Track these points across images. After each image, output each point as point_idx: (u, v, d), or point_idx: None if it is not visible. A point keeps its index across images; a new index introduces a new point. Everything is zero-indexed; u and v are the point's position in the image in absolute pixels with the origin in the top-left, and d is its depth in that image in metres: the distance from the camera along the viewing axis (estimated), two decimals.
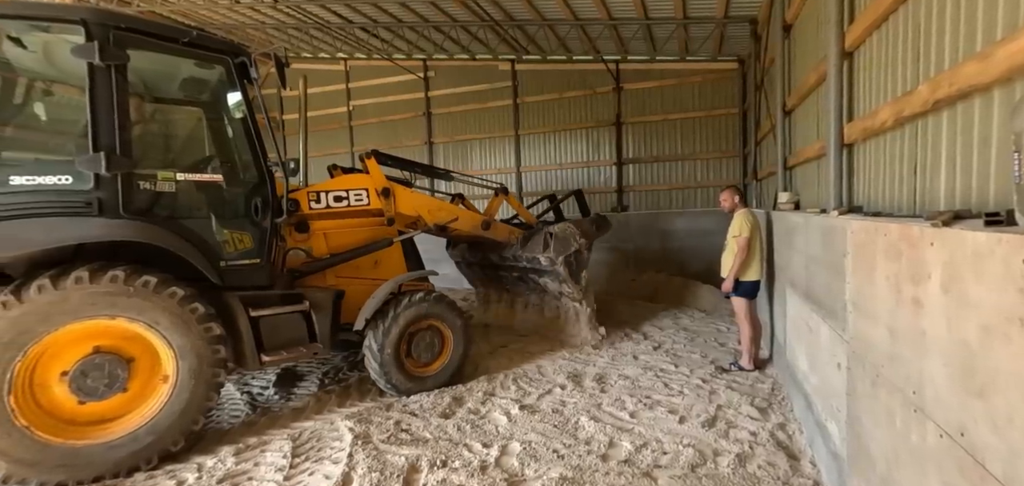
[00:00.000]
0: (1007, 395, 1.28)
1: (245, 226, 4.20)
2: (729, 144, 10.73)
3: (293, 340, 4.28)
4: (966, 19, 1.97)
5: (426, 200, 5.79)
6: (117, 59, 3.58)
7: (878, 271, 2.14)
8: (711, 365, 5.40)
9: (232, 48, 4.21)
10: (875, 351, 2.21)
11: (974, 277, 1.41)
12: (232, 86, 4.22)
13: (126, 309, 3.45)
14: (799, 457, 3.46)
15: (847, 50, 3.32)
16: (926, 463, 1.73)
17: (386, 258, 5.27)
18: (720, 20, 8.28)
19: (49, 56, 3.84)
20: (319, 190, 4.93)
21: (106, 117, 3.54)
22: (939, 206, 2.22)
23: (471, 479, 3.27)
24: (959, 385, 1.51)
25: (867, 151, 3.19)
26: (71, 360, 3.40)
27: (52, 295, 3.22)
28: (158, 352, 3.65)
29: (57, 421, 3.37)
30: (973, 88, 1.85)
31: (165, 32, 3.91)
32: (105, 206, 3.52)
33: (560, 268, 6.17)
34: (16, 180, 3.39)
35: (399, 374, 4.73)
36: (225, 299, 3.97)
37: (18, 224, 3.30)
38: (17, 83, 3.89)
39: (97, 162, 3.47)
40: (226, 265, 4.04)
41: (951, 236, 1.54)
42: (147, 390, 3.66)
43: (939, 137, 2.22)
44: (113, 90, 3.56)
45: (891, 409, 2.04)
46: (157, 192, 3.79)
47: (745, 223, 4.94)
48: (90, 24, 3.52)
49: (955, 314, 1.52)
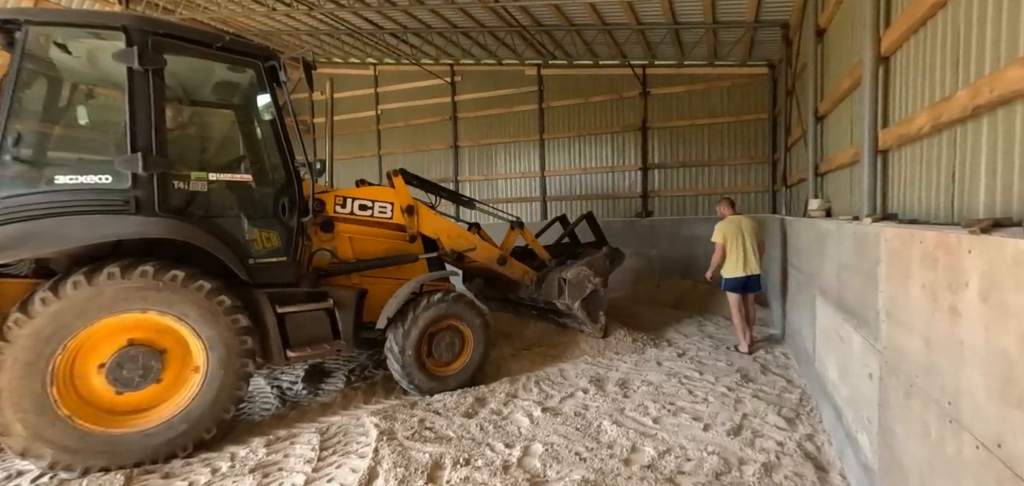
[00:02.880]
0: None
1: (273, 225, 4.32)
2: (758, 149, 10.54)
3: (318, 337, 4.37)
4: (1008, 23, 1.92)
5: (448, 224, 5.86)
6: (155, 64, 3.74)
7: (913, 279, 2.10)
8: (737, 373, 5.32)
9: (262, 52, 4.33)
10: (909, 361, 2.16)
11: (1014, 285, 1.38)
12: (262, 89, 4.34)
13: (156, 303, 3.59)
14: (828, 469, 3.38)
15: (883, 54, 3.25)
16: (962, 475, 1.69)
17: (409, 262, 5.37)
18: (750, 24, 8.16)
19: (91, 61, 4.05)
20: (346, 195, 5.08)
21: (144, 119, 3.69)
22: (978, 214, 2.16)
23: (494, 478, 3.30)
24: (998, 396, 1.48)
25: (903, 157, 3.11)
26: (107, 352, 3.55)
27: (87, 291, 3.37)
28: (189, 344, 3.78)
29: (97, 410, 3.52)
30: (1016, 93, 1.81)
31: (199, 37, 4.07)
32: (142, 205, 3.68)
33: (578, 312, 6.21)
34: (60, 179, 3.58)
35: (420, 373, 4.80)
36: (253, 295, 4.08)
37: (62, 221, 3.47)
38: (62, 87, 4.09)
39: (135, 162, 3.63)
40: (254, 263, 4.16)
41: (990, 243, 1.51)
42: (180, 380, 3.79)
43: (979, 144, 2.16)
44: (150, 93, 3.72)
45: (925, 420, 1.99)
46: (191, 191, 3.94)
47: (718, 230, 6.04)
48: (130, 30, 3.68)
49: (994, 323, 1.49)
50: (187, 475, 3.44)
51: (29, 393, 3.24)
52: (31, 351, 3.25)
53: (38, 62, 3.79)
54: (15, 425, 3.22)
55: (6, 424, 3.20)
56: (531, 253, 6.84)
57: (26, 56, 3.58)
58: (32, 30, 3.60)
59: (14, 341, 3.21)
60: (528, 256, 6.81)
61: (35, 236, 3.36)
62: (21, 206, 3.45)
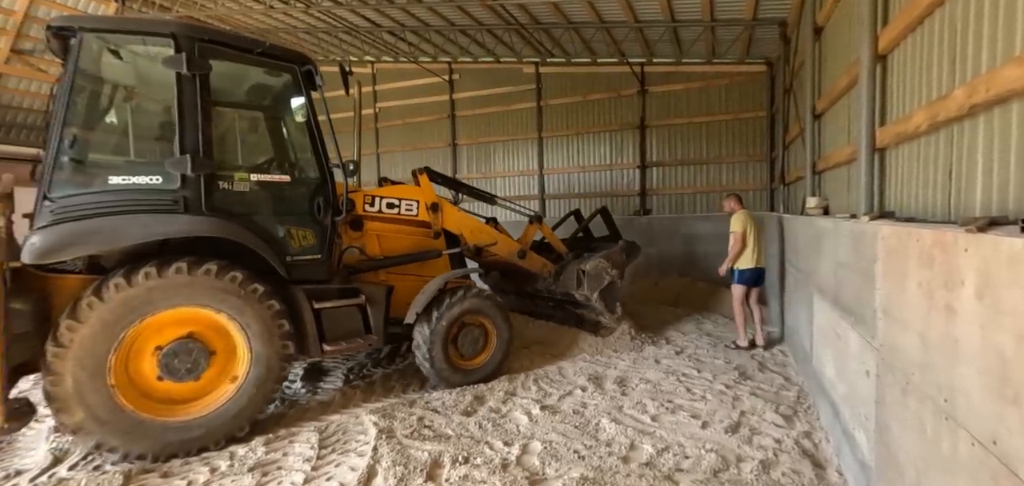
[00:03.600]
0: None
1: (308, 224, 4.47)
2: (756, 148, 10.55)
3: (351, 332, 4.54)
4: (1005, 22, 1.93)
5: (471, 221, 6.01)
6: (201, 69, 3.90)
7: (910, 277, 2.11)
8: (735, 371, 5.34)
9: (299, 57, 4.51)
10: (905, 358, 2.17)
11: (1009, 284, 1.39)
12: (299, 92, 4.52)
13: (212, 300, 3.77)
14: (825, 466, 3.40)
15: (880, 53, 3.25)
16: (957, 472, 1.71)
17: (433, 259, 5.55)
18: (748, 22, 8.17)
19: (140, 66, 4.23)
20: (374, 194, 5.26)
21: (191, 122, 3.85)
22: (975, 212, 2.17)
23: (493, 476, 3.31)
24: (993, 393, 1.49)
25: (900, 156, 3.12)
26: (160, 343, 3.74)
27: (151, 283, 3.56)
28: (235, 341, 3.94)
29: (146, 399, 3.69)
30: (1012, 92, 1.81)
31: (242, 43, 4.25)
32: (190, 204, 3.84)
33: (596, 303, 6.34)
34: (114, 180, 3.74)
35: (446, 366, 4.95)
36: (291, 292, 4.25)
37: (117, 219, 3.63)
38: (113, 91, 4.27)
39: (183, 163, 3.79)
40: (291, 260, 4.31)
41: (986, 242, 1.51)
42: (223, 376, 3.95)
43: (975, 142, 2.17)
44: (197, 97, 3.87)
45: (921, 417, 2.00)
46: (234, 191, 4.10)
47: (737, 221, 5.88)
48: (179, 37, 3.85)
49: (989, 321, 1.50)
50: (186, 474, 3.44)
51: (90, 377, 3.40)
52: (95, 337, 3.42)
53: (91, 68, 3.92)
54: (74, 405, 3.37)
55: (66, 402, 3.35)
56: (547, 247, 6.98)
57: (80, 62, 3.71)
58: (86, 37, 3.73)
59: (85, 321, 3.38)
60: (544, 249, 6.95)
61: (94, 234, 3.53)
62: (77, 205, 3.59)
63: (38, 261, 3.36)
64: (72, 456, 3.68)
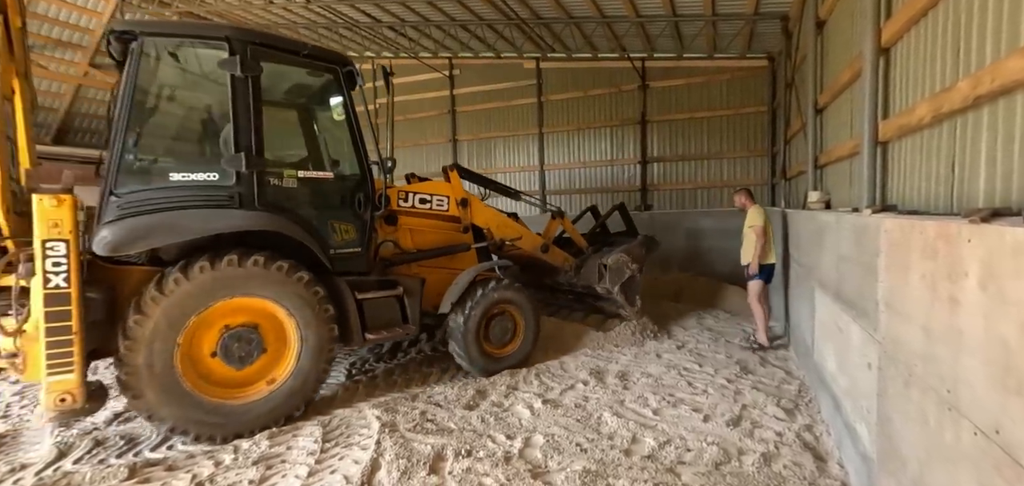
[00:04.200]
0: None
1: (349, 218, 4.68)
2: (757, 142, 10.55)
3: (391, 321, 4.75)
4: (1010, 13, 1.93)
5: (497, 216, 6.23)
6: (254, 70, 4.09)
7: (913, 270, 2.11)
8: (736, 365, 5.35)
9: (341, 59, 4.73)
10: (908, 351, 2.18)
11: (1013, 274, 1.40)
12: (340, 92, 4.73)
13: (267, 290, 3.99)
14: (826, 458, 3.41)
15: (883, 46, 3.25)
16: (960, 462, 1.72)
17: (461, 252, 5.78)
18: (750, 16, 8.15)
19: (196, 68, 4.45)
20: (408, 190, 5.48)
21: (245, 121, 4.04)
22: (978, 203, 2.17)
23: (495, 469, 3.32)
24: (996, 383, 1.50)
25: (903, 149, 3.12)
26: (219, 331, 3.94)
27: (216, 274, 3.77)
28: (286, 329, 4.15)
29: (210, 383, 3.91)
30: (1016, 83, 1.81)
31: (289, 45, 4.49)
32: (244, 200, 4.04)
33: (617, 296, 6.46)
34: (174, 176, 3.96)
35: (479, 354, 5.15)
36: (334, 283, 4.44)
37: (179, 214, 3.84)
38: (171, 92, 4.46)
39: (239, 161, 3.99)
40: (334, 253, 4.51)
41: (990, 233, 1.52)
42: (275, 362, 4.16)
43: (979, 134, 2.17)
44: (250, 97, 4.06)
45: (924, 409, 2.01)
46: (283, 187, 4.30)
47: (758, 215, 5.63)
48: (232, 40, 4.05)
49: (993, 312, 1.51)
50: (191, 467, 3.46)
51: (158, 362, 3.62)
52: (163, 324, 3.63)
53: (151, 70, 4.11)
54: (148, 391, 3.60)
55: (141, 389, 3.58)
56: (567, 241, 7.15)
57: (141, 65, 3.91)
58: (146, 41, 3.93)
59: (153, 310, 3.59)
60: (565, 244, 7.12)
61: (159, 228, 3.74)
62: (141, 201, 3.79)
63: (109, 253, 3.54)
64: (77, 450, 3.69)
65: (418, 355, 6.08)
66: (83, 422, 4.19)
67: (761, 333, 5.83)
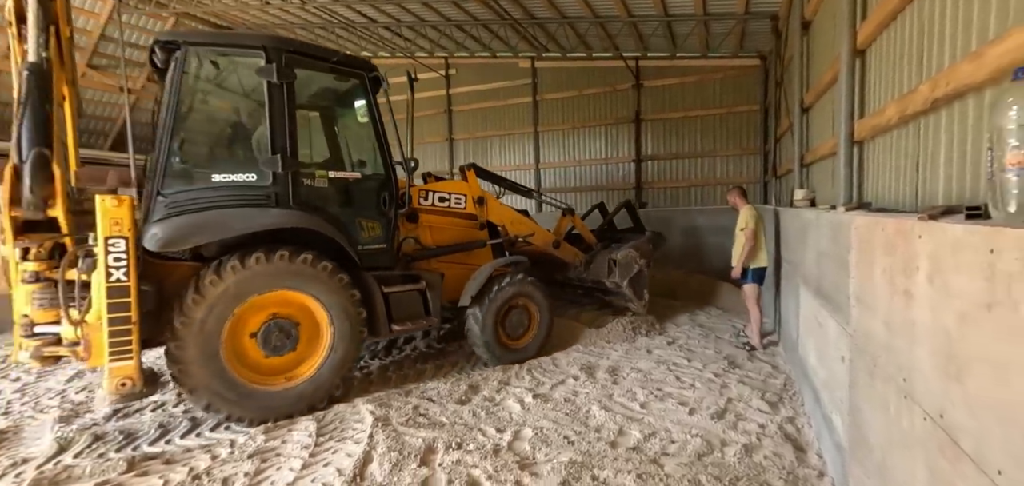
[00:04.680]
0: (977, 377, 1.36)
1: (375, 216, 4.96)
2: (750, 141, 10.64)
3: (414, 313, 5.01)
4: (964, 20, 2.02)
5: (512, 213, 6.52)
6: (289, 77, 4.36)
7: (876, 265, 2.21)
8: (725, 360, 5.45)
9: (367, 65, 5.04)
10: (873, 342, 2.28)
11: (954, 268, 1.49)
12: (366, 96, 5.00)
13: (302, 283, 4.25)
14: (806, 449, 3.51)
15: (859, 47, 3.34)
16: (913, 446, 1.81)
17: (479, 249, 6.07)
18: (741, 16, 8.24)
19: (233, 75, 4.75)
20: (428, 189, 5.76)
21: (280, 125, 4.31)
22: (938, 201, 2.27)
23: (484, 460, 3.42)
24: (941, 370, 1.59)
25: (876, 148, 3.22)
26: (259, 321, 4.22)
27: (261, 267, 4.04)
28: (318, 319, 4.41)
29: (249, 368, 4.17)
30: (967, 87, 1.91)
31: (321, 53, 4.80)
32: (280, 199, 4.31)
33: (626, 290, 6.69)
34: (216, 177, 4.23)
35: (497, 345, 5.44)
36: (362, 277, 4.70)
37: (223, 213, 4.10)
38: (212, 97, 4.74)
39: (275, 162, 4.27)
40: (361, 249, 4.78)
41: (936, 229, 1.61)
42: (312, 349, 4.43)
43: (938, 134, 2.26)
44: (285, 102, 4.33)
45: (886, 397, 2.11)
46: (315, 187, 4.58)
47: (750, 216, 5.56)
48: (269, 49, 4.32)
49: (938, 303, 1.60)
50: (188, 461, 3.55)
51: (207, 349, 3.89)
52: (212, 314, 3.89)
53: (193, 77, 4.37)
54: (194, 373, 3.87)
55: (187, 370, 3.86)
56: (577, 237, 7.43)
57: (185, 72, 4.19)
58: (189, 50, 4.20)
59: (204, 300, 3.86)
60: (574, 240, 7.39)
61: (207, 226, 4.01)
62: (186, 200, 4.07)
63: (160, 249, 3.82)
64: (77, 445, 3.78)
65: (413, 352, 6.18)
66: (82, 418, 4.29)
67: (755, 335, 5.82)
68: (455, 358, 5.89)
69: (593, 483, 3.13)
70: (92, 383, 5.16)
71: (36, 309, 3.65)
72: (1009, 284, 1.19)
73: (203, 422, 4.17)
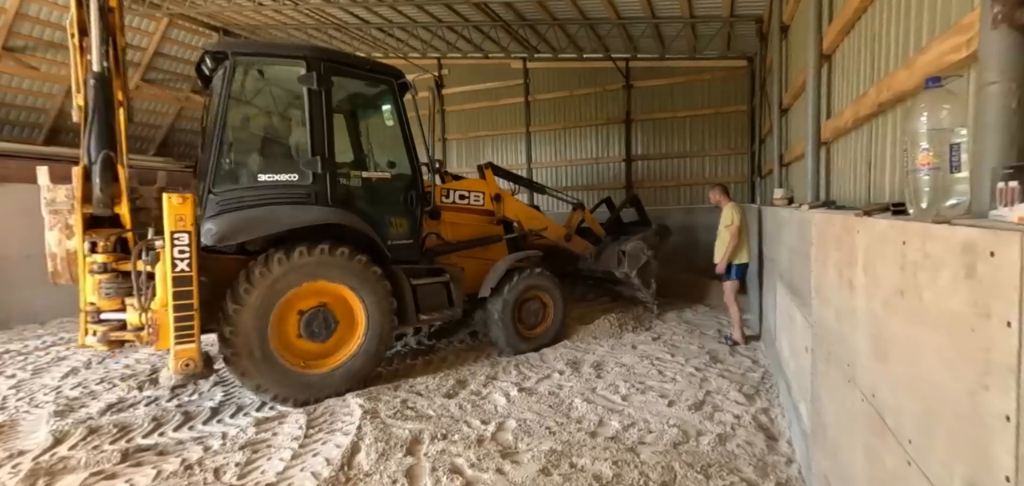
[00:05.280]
0: (895, 358, 1.51)
1: (403, 213, 5.32)
2: (738, 141, 10.81)
3: (440, 304, 5.35)
4: (903, 30, 2.16)
5: (526, 209, 6.98)
6: (327, 84, 4.72)
7: (829, 259, 2.35)
8: (707, 355, 5.59)
9: (396, 72, 5.43)
10: (828, 332, 2.42)
11: (880, 259, 1.63)
12: (394, 101, 5.38)
13: (340, 275, 4.59)
14: (777, 438, 3.65)
15: (825, 52, 3.49)
16: (855, 425, 1.96)
17: (496, 244, 6.46)
18: (726, 19, 8.39)
19: (275, 83, 5.17)
20: (449, 188, 6.13)
21: (319, 129, 4.66)
22: (885, 198, 2.41)
23: (468, 450, 3.55)
24: (873, 354, 1.73)
25: (837, 149, 3.37)
26: (301, 310, 4.54)
27: (304, 260, 4.37)
28: (354, 308, 4.74)
29: (292, 353, 4.49)
30: (904, 93, 2.05)
31: (355, 62, 5.23)
32: (319, 197, 4.67)
33: (635, 280, 7.03)
34: (262, 177, 4.62)
35: (515, 334, 5.80)
36: (393, 271, 5.03)
37: (270, 210, 4.48)
38: (256, 103, 5.16)
39: (315, 163, 4.62)
40: (391, 244, 5.12)
41: (868, 224, 1.76)
42: (349, 336, 4.76)
43: (884, 136, 2.41)
44: (323, 108, 4.68)
45: (837, 382, 2.25)
46: (350, 186, 4.98)
47: (735, 213, 5.68)
48: (309, 59, 4.69)
49: (871, 292, 1.74)
50: (180, 452, 3.66)
51: (257, 335, 4.22)
52: (261, 302, 4.23)
53: (240, 84, 4.76)
54: (249, 365, 4.21)
55: (241, 361, 4.19)
56: (586, 230, 7.78)
57: (233, 80, 4.57)
58: (238, 60, 4.59)
59: (254, 289, 4.19)
60: (583, 233, 7.74)
61: (259, 221, 4.37)
62: (235, 198, 4.47)
63: (216, 243, 4.17)
64: (71, 438, 3.88)
65: (404, 349, 6.30)
66: (77, 412, 4.39)
67: (736, 331, 5.94)
68: (444, 354, 6.02)
69: (571, 470, 3.26)
70: (87, 380, 5.26)
71: (102, 298, 4.01)
72: (915, 272, 1.33)
73: (196, 416, 4.28)
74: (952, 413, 1.16)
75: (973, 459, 1.07)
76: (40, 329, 7.88)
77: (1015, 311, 0.90)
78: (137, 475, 3.35)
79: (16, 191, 8.34)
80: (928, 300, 1.25)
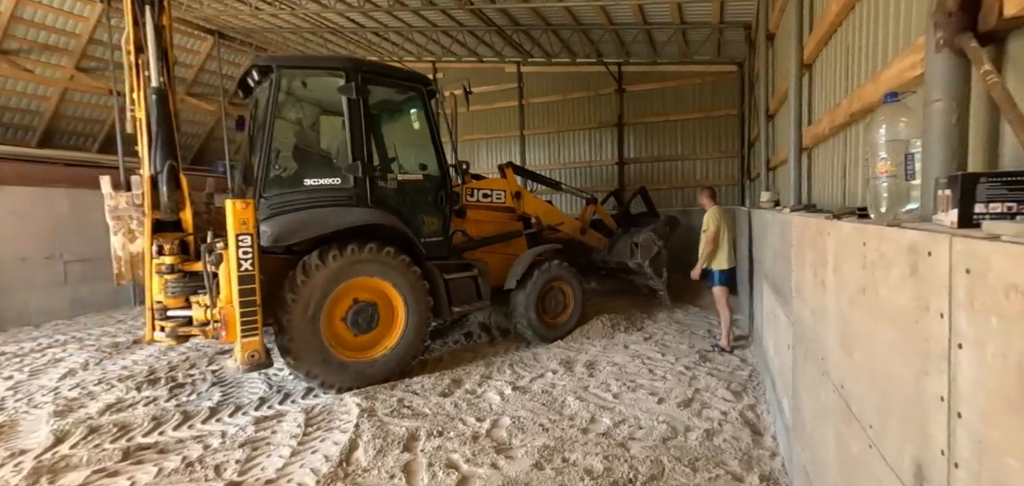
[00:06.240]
0: (858, 350, 1.63)
1: (433, 212, 5.70)
2: (729, 144, 10.98)
3: (470, 297, 5.70)
4: (871, 44, 2.30)
5: (544, 205, 7.39)
6: (365, 93, 5.09)
7: (806, 260, 2.48)
8: (697, 354, 5.72)
9: (425, 79, 5.86)
10: (806, 329, 2.55)
11: (846, 259, 1.76)
12: (424, 107, 5.75)
13: (383, 271, 4.93)
14: (763, 433, 3.79)
15: (806, 61, 3.63)
16: (828, 416, 2.08)
17: (516, 239, 6.86)
18: (716, 25, 8.56)
19: (315, 92, 5.52)
20: (473, 187, 6.51)
21: (358, 135, 5.01)
22: (857, 203, 2.55)
23: (463, 447, 3.65)
24: (841, 347, 1.86)
25: (817, 155, 3.51)
26: (348, 303, 4.87)
27: (342, 260, 4.70)
28: (394, 302, 5.09)
29: (343, 347, 4.83)
30: (871, 104, 2.19)
31: (388, 71, 5.63)
32: (360, 199, 5.03)
33: (647, 269, 7.36)
34: (307, 181, 4.99)
35: (539, 323, 6.25)
36: (426, 266, 5.35)
37: (318, 212, 4.82)
38: (300, 112, 5.54)
39: (356, 168, 5.01)
40: (424, 241, 5.46)
41: (837, 227, 1.89)
42: (390, 327, 5.10)
43: (856, 144, 2.54)
44: (362, 115, 5.02)
45: (813, 377, 2.38)
46: (387, 188, 5.36)
47: (711, 218, 5.79)
48: (349, 70, 5.04)
49: (839, 290, 1.87)
50: (181, 450, 3.73)
51: (309, 325, 4.52)
52: (314, 294, 4.54)
53: (285, 94, 5.10)
54: (304, 352, 4.53)
55: (296, 351, 4.51)
56: (598, 223, 8.22)
57: (280, 91, 4.91)
58: (283, 72, 4.92)
59: (312, 277, 4.52)
60: (596, 226, 8.17)
61: (311, 223, 4.70)
62: (284, 202, 4.85)
63: (271, 244, 4.51)
64: (73, 437, 3.95)
65: None
66: (77, 412, 4.45)
67: (724, 335, 5.85)
68: (440, 354, 6.11)
69: (563, 464, 3.37)
70: (85, 381, 5.31)
71: (168, 296, 4.33)
72: (873, 271, 1.46)
73: (195, 415, 4.35)
74: (902, 399, 1.29)
75: (918, 438, 1.20)
76: (34, 331, 7.89)
77: (946, 304, 1.02)
78: (139, 472, 3.42)
79: (10, 194, 8.36)
80: (883, 296, 1.38)
